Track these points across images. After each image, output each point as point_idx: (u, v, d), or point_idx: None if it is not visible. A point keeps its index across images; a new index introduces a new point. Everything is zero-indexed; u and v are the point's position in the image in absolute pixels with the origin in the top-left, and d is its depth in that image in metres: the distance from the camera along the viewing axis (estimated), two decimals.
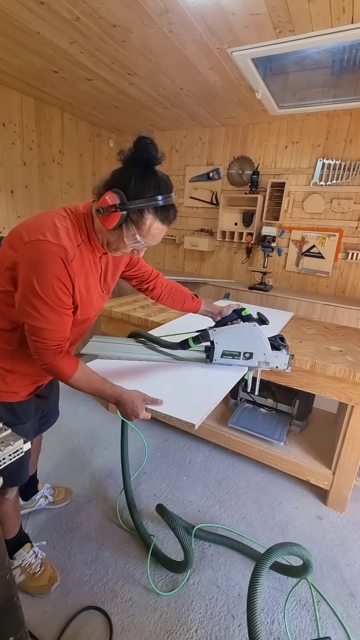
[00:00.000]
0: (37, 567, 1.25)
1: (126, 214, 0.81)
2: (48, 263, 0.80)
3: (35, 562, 1.26)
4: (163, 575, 1.33)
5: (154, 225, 0.84)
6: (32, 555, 1.27)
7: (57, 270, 0.81)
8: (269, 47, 1.81)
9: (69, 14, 1.67)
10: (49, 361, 0.89)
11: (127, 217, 0.82)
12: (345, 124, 2.80)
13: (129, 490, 1.54)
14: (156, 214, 0.83)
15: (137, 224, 0.84)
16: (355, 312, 2.62)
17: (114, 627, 1.14)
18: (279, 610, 1.23)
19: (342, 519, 1.65)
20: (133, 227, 0.84)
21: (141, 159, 0.80)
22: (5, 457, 0.65)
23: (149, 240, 0.87)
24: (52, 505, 1.58)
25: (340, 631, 1.18)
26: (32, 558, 1.27)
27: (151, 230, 0.85)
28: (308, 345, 1.69)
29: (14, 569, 1.24)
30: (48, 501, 1.57)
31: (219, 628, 1.16)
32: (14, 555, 1.25)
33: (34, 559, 1.27)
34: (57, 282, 0.82)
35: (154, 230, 0.85)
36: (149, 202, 0.80)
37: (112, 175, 0.84)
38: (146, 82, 2.41)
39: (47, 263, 0.80)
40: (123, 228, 0.84)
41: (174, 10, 1.58)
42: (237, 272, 3.59)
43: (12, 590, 0.71)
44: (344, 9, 1.49)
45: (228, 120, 3.13)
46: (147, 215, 0.82)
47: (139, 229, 0.84)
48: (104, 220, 0.83)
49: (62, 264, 0.81)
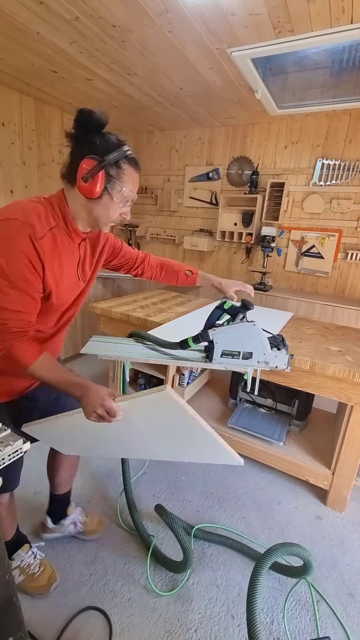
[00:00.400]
0: (36, 567, 1.25)
1: (107, 172, 0.85)
2: (16, 240, 0.80)
3: (34, 562, 1.26)
4: (163, 575, 1.33)
5: (132, 173, 0.90)
6: (31, 556, 1.27)
7: (24, 247, 0.81)
8: (269, 47, 1.81)
9: (69, 14, 1.67)
10: (8, 345, 0.86)
11: (108, 175, 0.86)
12: (344, 124, 2.81)
13: (129, 492, 1.54)
14: (130, 162, 0.89)
15: (119, 177, 0.88)
16: (354, 312, 2.62)
17: (113, 627, 1.14)
18: (279, 610, 1.23)
19: (341, 518, 1.65)
20: (117, 182, 0.88)
21: (94, 126, 0.84)
22: (4, 457, 0.65)
23: (131, 187, 0.91)
24: (82, 536, 1.42)
25: (339, 631, 1.18)
26: (30, 559, 1.26)
27: (131, 178, 0.90)
28: (307, 345, 1.69)
29: (13, 569, 1.23)
30: (77, 530, 1.41)
31: (219, 628, 1.16)
32: (12, 557, 1.24)
33: (33, 559, 1.26)
34: (24, 259, 0.81)
35: (132, 177, 0.91)
36: (120, 152, 0.86)
37: (71, 155, 0.88)
38: (146, 82, 2.41)
39: (14, 240, 0.80)
40: (108, 190, 0.87)
41: (174, 10, 1.59)
42: (236, 272, 3.59)
43: (11, 591, 0.71)
44: (344, 9, 1.49)
45: (228, 120, 3.14)
46: (123, 165, 0.88)
47: (122, 181, 0.88)
48: (89, 190, 0.85)
49: (30, 241, 0.81)
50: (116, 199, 0.89)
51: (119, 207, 0.92)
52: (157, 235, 3.95)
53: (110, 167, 0.86)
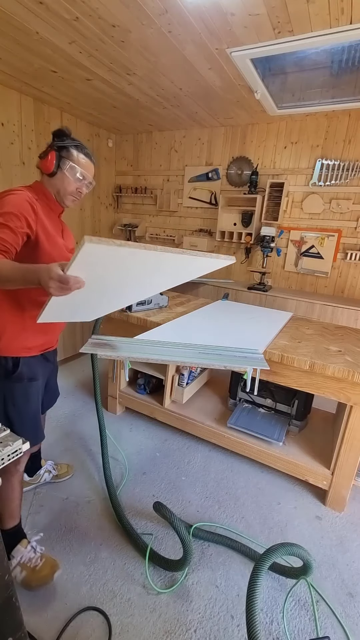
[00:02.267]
0: (37, 560, 1.25)
1: (59, 154, 1.13)
2: (18, 193, 1.07)
3: (35, 556, 1.26)
4: (162, 575, 1.33)
5: (80, 157, 1.17)
6: (31, 551, 1.27)
7: (25, 196, 1.07)
8: (268, 47, 1.81)
9: (68, 14, 1.66)
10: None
11: (60, 156, 1.13)
12: (344, 125, 2.81)
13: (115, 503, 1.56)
14: (77, 149, 1.17)
15: (68, 157, 1.15)
16: (354, 312, 2.62)
17: (113, 627, 1.14)
18: (278, 610, 1.23)
19: (341, 518, 1.65)
20: (67, 161, 1.14)
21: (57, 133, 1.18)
22: (4, 458, 0.65)
23: (82, 167, 1.17)
24: (57, 479, 1.70)
25: (339, 631, 1.18)
26: (30, 553, 1.26)
27: (80, 160, 1.17)
28: (307, 345, 1.69)
29: (14, 568, 1.22)
30: (52, 475, 1.69)
31: (218, 628, 1.16)
32: (12, 554, 1.24)
33: (33, 553, 1.26)
34: (22, 201, 1.05)
35: (81, 159, 1.17)
36: (68, 143, 1.16)
37: None
38: (145, 82, 2.41)
39: (16, 193, 1.07)
40: (61, 167, 1.14)
41: (173, 10, 1.58)
42: (236, 272, 3.59)
43: (10, 591, 0.71)
44: (343, 9, 1.49)
45: (227, 120, 3.14)
46: (72, 150, 1.16)
47: (72, 160, 1.15)
48: (44, 165, 1.14)
49: (28, 198, 1.07)
50: (68, 174, 1.15)
51: (73, 181, 1.16)
52: (156, 235, 3.95)
53: (61, 150, 1.14)
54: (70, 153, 1.15)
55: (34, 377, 1.22)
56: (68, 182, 1.16)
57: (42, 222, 1.11)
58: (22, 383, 1.18)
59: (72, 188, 1.17)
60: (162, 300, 2.17)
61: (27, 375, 1.18)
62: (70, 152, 1.15)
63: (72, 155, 1.16)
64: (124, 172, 4.08)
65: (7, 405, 1.17)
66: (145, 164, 3.91)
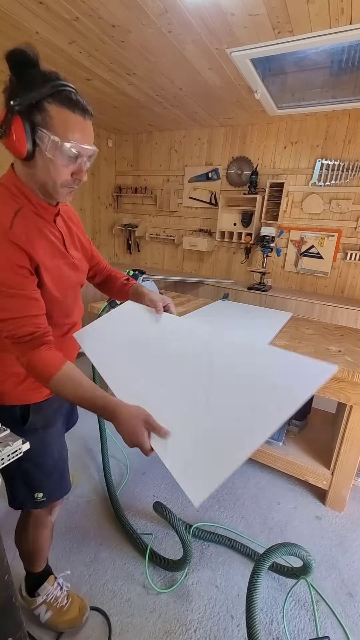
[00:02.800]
0: (63, 599, 1.12)
1: (29, 121, 0.66)
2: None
3: (62, 594, 1.13)
4: (162, 575, 1.33)
5: (64, 115, 0.67)
6: (57, 588, 1.14)
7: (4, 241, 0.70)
8: (268, 47, 1.82)
9: (68, 14, 1.67)
10: (24, 359, 0.74)
11: (32, 124, 0.66)
12: (344, 125, 2.81)
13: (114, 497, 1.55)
14: (59, 100, 0.66)
15: (45, 125, 0.67)
16: (353, 312, 2.63)
17: (113, 627, 1.14)
18: (278, 610, 1.23)
19: (340, 518, 1.65)
20: (44, 132, 0.67)
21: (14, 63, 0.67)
22: (4, 458, 0.65)
23: (70, 136, 0.68)
24: None
25: (339, 631, 1.18)
26: (57, 591, 1.13)
27: (65, 122, 0.67)
28: (307, 345, 1.69)
29: (39, 606, 1.11)
30: None
31: (218, 628, 1.16)
32: (38, 591, 1.12)
33: (60, 591, 1.13)
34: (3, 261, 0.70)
35: (67, 120, 0.68)
36: (41, 89, 0.65)
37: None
38: (145, 82, 2.41)
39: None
40: (39, 143, 0.68)
41: (173, 10, 1.59)
42: (235, 273, 3.59)
43: (10, 591, 0.71)
44: (343, 10, 1.49)
45: (227, 120, 3.14)
46: (47, 105, 0.66)
47: (49, 128, 0.67)
48: (13, 148, 0.69)
49: (11, 237, 0.70)
50: (54, 156, 0.68)
51: (64, 165, 0.71)
52: (156, 235, 3.95)
53: (31, 112, 0.66)
54: (47, 113, 0.66)
55: (49, 423, 0.96)
56: (56, 170, 0.71)
57: (37, 251, 0.76)
58: (37, 434, 0.92)
59: (65, 177, 0.73)
60: None
61: (40, 423, 0.92)
62: (46, 112, 0.66)
63: (51, 117, 0.66)
64: (124, 172, 4.08)
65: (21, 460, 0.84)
66: (145, 164, 3.91)
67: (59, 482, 1.00)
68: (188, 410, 0.75)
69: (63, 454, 1.03)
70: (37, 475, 0.94)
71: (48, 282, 0.79)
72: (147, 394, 0.78)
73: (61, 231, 0.87)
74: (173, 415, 0.73)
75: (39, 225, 0.79)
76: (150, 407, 0.73)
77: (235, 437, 0.67)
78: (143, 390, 0.80)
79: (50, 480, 0.97)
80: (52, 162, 0.70)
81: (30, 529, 1.03)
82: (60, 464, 1.01)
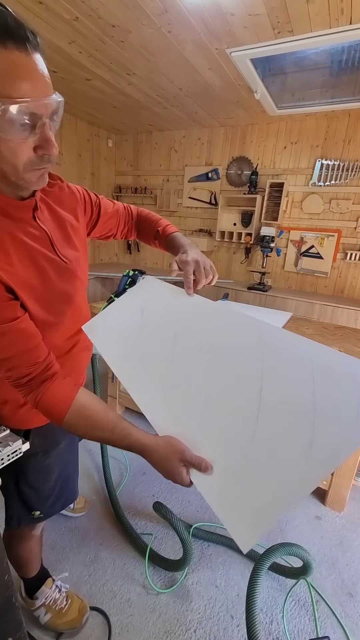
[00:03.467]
0: (62, 601, 1.12)
1: None
2: None
3: (60, 596, 1.13)
4: (162, 575, 1.33)
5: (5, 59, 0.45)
6: (56, 590, 1.14)
7: None
8: (268, 47, 1.82)
9: (68, 14, 1.66)
10: (29, 401, 0.63)
11: None
12: (343, 125, 2.81)
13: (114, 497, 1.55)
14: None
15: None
16: (353, 312, 2.63)
17: (112, 627, 1.14)
18: (278, 610, 1.23)
19: (340, 518, 1.65)
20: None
21: None
22: (3, 458, 0.65)
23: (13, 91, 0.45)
24: (71, 512, 1.50)
25: (338, 631, 1.18)
26: (55, 593, 1.13)
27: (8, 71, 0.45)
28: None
29: (38, 608, 1.12)
30: (69, 508, 1.50)
31: (218, 628, 1.16)
32: (36, 595, 1.12)
33: (58, 593, 1.14)
34: None
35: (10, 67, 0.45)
36: None
37: None
38: (145, 82, 2.41)
39: None
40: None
41: (173, 10, 1.59)
42: (235, 273, 3.60)
43: (10, 591, 0.71)
44: (343, 10, 1.49)
45: (227, 120, 3.14)
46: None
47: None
48: None
49: None
50: (2, 129, 0.46)
51: (20, 140, 0.49)
52: None
53: None
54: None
55: (50, 446, 0.87)
56: (9, 148, 0.49)
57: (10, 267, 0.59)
58: (36, 458, 0.84)
59: (26, 154, 0.51)
60: None
61: (41, 447, 0.84)
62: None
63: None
64: (124, 172, 4.08)
65: (19, 482, 0.86)
66: (145, 164, 3.91)
67: (54, 503, 0.96)
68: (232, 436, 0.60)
69: (64, 472, 0.97)
70: (35, 498, 0.90)
71: (32, 305, 0.63)
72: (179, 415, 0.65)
73: (45, 228, 0.67)
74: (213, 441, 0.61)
75: (10, 230, 0.60)
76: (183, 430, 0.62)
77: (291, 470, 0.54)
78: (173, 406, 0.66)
79: (47, 502, 0.93)
80: (1, 141, 0.48)
81: (13, 542, 1.01)
82: (60, 484, 0.95)
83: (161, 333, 0.74)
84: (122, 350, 0.76)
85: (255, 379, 0.62)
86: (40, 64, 0.49)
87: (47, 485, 0.91)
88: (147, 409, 0.67)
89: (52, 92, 0.51)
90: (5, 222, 0.60)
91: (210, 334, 0.70)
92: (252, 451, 0.57)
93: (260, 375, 0.62)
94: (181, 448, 0.60)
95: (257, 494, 0.55)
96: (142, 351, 0.74)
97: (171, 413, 0.66)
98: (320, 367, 0.59)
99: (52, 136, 0.52)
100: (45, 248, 0.67)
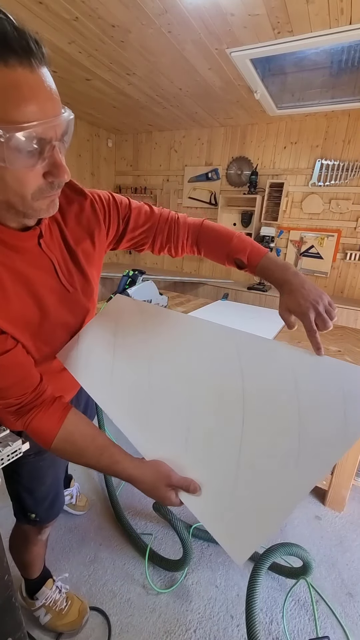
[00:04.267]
0: (62, 602, 1.13)
1: None
2: None
3: (60, 597, 1.14)
4: (162, 575, 1.33)
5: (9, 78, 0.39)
6: (56, 592, 1.14)
7: None
8: (268, 47, 1.82)
9: (68, 14, 1.66)
10: (19, 426, 0.63)
11: None
12: (343, 125, 2.81)
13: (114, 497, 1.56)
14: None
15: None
16: (353, 312, 2.63)
17: (112, 627, 1.14)
18: (278, 610, 1.23)
19: (340, 518, 1.65)
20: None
21: None
22: (3, 458, 0.65)
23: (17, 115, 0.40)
24: (72, 509, 1.51)
25: (338, 631, 1.18)
26: (55, 594, 1.13)
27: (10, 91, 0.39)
28: (307, 345, 1.69)
29: (38, 608, 1.12)
30: (71, 503, 1.51)
31: (218, 628, 1.16)
32: (36, 595, 1.12)
33: (58, 594, 1.14)
34: None
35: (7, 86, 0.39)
36: None
37: None
38: (145, 82, 2.41)
39: None
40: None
41: (173, 10, 1.59)
42: (235, 273, 3.60)
43: (10, 591, 0.71)
44: (342, 10, 1.49)
45: (227, 120, 3.14)
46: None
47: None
48: None
49: None
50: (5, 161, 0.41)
51: (27, 168, 0.44)
52: None
53: None
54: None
55: (42, 449, 0.78)
56: (17, 178, 0.44)
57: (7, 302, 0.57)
58: (28, 460, 0.83)
59: (35, 183, 0.46)
60: (162, 300, 2.17)
61: (34, 449, 0.78)
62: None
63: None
64: (124, 172, 4.08)
65: (14, 480, 0.88)
66: (145, 164, 3.91)
67: (50, 508, 0.95)
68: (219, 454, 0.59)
69: (60, 476, 0.97)
70: (29, 500, 0.90)
71: (26, 340, 0.62)
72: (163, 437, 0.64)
73: (49, 256, 0.62)
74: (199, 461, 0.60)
75: (9, 263, 0.56)
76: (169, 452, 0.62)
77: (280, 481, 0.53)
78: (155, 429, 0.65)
79: (42, 506, 0.93)
80: (6, 171, 0.43)
81: (20, 543, 1.03)
82: (54, 488, 0.95)
83: (136, 355, 0.73)
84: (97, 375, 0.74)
85: (236, 394, 0.61)
86: (47, 79, 0.43)
87: (41, 488, 0.91)
88: (131, 433, 0.66)
89: (60, 110, 0.45)
90: (4, 254, 0.56)
91: (187, 351, 0.70)
92: (239, 467, 0.57)
93: (242, 389, 0.61)
94: (167, 473, 0.59)
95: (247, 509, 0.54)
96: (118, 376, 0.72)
97: (154, 437, 0.65)
98: (302, 374, 0.59)
99: (63, 159, 0.48)
100: (49, 276, 0.63)
